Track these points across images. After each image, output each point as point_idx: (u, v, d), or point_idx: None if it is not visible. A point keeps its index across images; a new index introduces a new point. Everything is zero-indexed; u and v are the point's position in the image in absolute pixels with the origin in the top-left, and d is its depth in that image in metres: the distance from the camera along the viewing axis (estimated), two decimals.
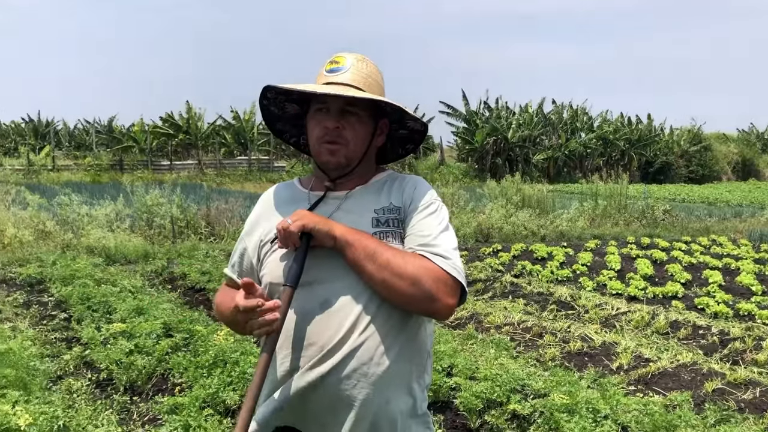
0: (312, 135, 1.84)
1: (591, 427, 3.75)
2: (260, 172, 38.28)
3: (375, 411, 1.68)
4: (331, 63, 1.84)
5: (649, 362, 5.62)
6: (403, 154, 2.06)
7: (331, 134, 1.79)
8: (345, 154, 1.81)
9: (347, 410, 1.67)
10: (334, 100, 1.79)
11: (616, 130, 44.79)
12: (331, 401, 1.68)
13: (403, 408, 1.73)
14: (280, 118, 1.99)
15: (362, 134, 1.83)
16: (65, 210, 12.83)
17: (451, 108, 42.33)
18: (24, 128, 47.05)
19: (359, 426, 1.68)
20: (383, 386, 1.69)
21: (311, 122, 1.84)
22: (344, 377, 1.66)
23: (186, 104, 42.23)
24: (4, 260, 10.01)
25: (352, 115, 1.80)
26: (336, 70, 1.81)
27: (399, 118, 1.92)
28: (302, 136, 2.01)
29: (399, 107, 1.81)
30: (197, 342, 5.33)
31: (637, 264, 10.04)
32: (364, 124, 1.83)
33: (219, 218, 13.56)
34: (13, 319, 6.74)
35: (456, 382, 4.54)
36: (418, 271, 1.65)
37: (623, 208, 17.20)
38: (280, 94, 1.90)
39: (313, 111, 1.84)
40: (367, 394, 1.67)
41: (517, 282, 9.00)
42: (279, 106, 1.95)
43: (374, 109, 1.86)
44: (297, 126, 2.00)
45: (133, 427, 4.24)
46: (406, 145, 2.03)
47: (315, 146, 1.83)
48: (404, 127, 1.96)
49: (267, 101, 1.92)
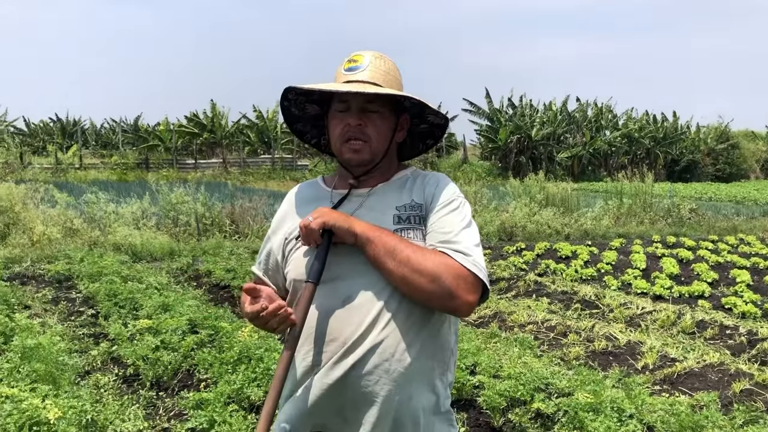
0: (334, 134, 1.85)
1: (616, 426, 3.73)
2: (284, 171, 38.48)
3: (397, 407, 1.69)
4: (349, 62, 1.85)
5: (675, 362, 5.57)
6: (423, 150, 2.06)
7: (354, 132, 1.80)
8: (368, 150, 1.82)
9: (370, 406, 1.68)
10: (355, 98, 1.80)
11: (641, 127, 44.34)
12: (354, 397, 1.68)
13: (426, 405, 1.73)
14: (301, 119, 2.00)
15: (384, 130, 1.84)
16: (92, 208, 13.01)
17: (474, 106, 42.19)
18: (52, 127, 47.75)
19: (382, 422, 1.68)
20: (405, 383, 1.69)
21: (333, 121, 1.86)
22: (366, 373, 1.67)
23: (210, 103, 42.62)
24: (33, 257, 10.18)
25: (374, 112, 1.81)
26: (355, 68, 1.82)
27: (419, 113, 1.93)
28: (322, 136, 2.03)
29: (419, 101, 1.81)
30: (222, 338, 5.38)
31: (662, 263, 9.94)
32: (386, 120, 1.84)
33: (243, 216, 13.67)
34: (43, 315, 6.86)
35: (479, 380, 4.54)
36: (438, 267, 1.65)
37: (648, 207, 17.04)
38: (301, 95, 1.91)
39: (333, 110, 1.85)
40: (390, 391, 1.68)
41: (541, 281, 8.96)
42: (299, 107, 1.96)
43: (395, 104, 1.87)
44: (317, 126, 2.02)
45: (159, 422, 4.29)
46: (426, 140, 2.03)
47: (337, 145, 1.84)
48: (425, 122, 1.96)
49: (288, 102, 1.94)
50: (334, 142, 1.86)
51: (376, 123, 1.81)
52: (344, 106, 1.82)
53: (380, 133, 1.82)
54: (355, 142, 1.80)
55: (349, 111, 1.80)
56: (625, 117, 46.12)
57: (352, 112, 1.80)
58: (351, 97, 1.80)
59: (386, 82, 1.82)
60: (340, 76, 1.84)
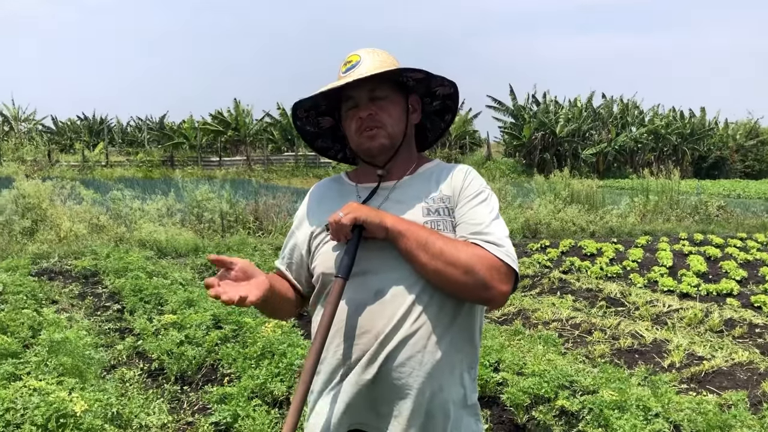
0: (350, 132, 1.86)
1: (642, 424, 3.68)
2: (307, 168, 38.64)
3: (429, 400, 1.68)
4: (345, 63, 1.86)
5: (702, 360, 5.49)
6: (446, 127, 2.05)
7: (367, 121, 1.80)
8: (384, 134, 1.82)
9: (404, 399, 1.68)
10: (360, 92, 1.81)
11: (668, 124, 43.79)
12: (388, 391, 1.68)
13: (455, 397, 1.73)
14: (319, 135, 2.02)
15: (396, 113, 1.84)
16: (118, 205, 13.16)
17: (498, 103, 41.95)
18: (79, 125, 48.41)
19: (416, 415, 1.68)
20: (437, 375, 1.68)
21: (346, 122, 1.87)
22: (399, 365, 1.67)
23: (234, 101, 42.85)
24: (60, 253, 10.32)
25: (381, 99, 1.82)
26: (351, 67, 1.83)
27: (427, 90, 1.92)
28: (346, 148, 2.04)
29: (418, 69, 1.80)
30: (245, 333, 5.40)
31: (689, 261, 9.80)
32: (396, 104, 1.84)
33: (267, 213, 13.74)
34: (69, 310, 6.94)
35: (503, 377, 4.51)
36: (472, 259, 1.64)
37: (675, 204, 16.82)
38: (310, 110, 1.93)
39: (345, 112, 1.87)
40: (422, 383, 1.67)
41: (566, 278, 8.88)
42: (313, 123, 1.98)
43: (400, 87, 1.87)
44: (337, 139, 2.03)
45: (183, 416, 4.32)
46: (444, 116, 2.02)
47: (355, 140, 1.85)
48: (435, 97, 1.95)
49: (301, 122, 1.95)
50: (352, 140, 1.87)
51: (386, 108, 1.82)
52: (352, 102, 1.83)
53: (392, 116, 1.83)
54: (370, 131, 1.81)
55: (358, 105, 1.82)
56: (651, 113, 45.60)
57: (361, 105, 1.81)
58: (356, 92, 1.81)
59: (382, 69, 1.81)
60: (340, 79, 1.84)
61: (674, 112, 45.96)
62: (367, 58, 1.83)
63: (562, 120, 40.23)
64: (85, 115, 49.33)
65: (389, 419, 1.69)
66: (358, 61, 1.82)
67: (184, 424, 4.20)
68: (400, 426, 1.68)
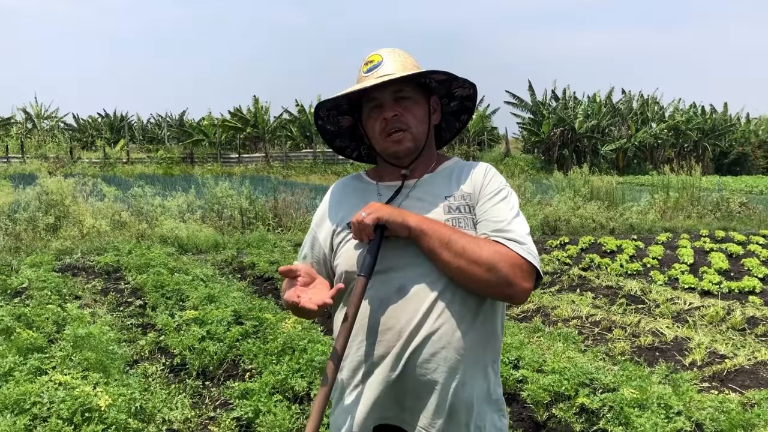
0: (374, 133, 1.86)
1: (663, 423, 3.66)
2: (325, 165, 38.72)
3: (453, 394, 1.70)
4: (366, 64, 1.87)
5: (724, 359, 5.44)
6: (461, 127, 2.06)
7: (392, 123, 1.81)
8: (410, 138, 1.83)
9: (429, 395, 1.69)
10: (384, 93, 1.81)
11: (688, 119, 43.32)
12: (414, 387, 1.70)
13: (479, 392, 1.74)
14: (338, 134, 2.03)
15: (420, 115, 1.86)
16: (139, 201, 13.29)
17: (517, 98, 41.76)
18: (100, 123, 48.92)
19: (440, 409, 1.69)
20: (461, 370, 1.70)
21: (368, 123, 1.87)
22: (424, 361, 1.68)
23: (253, 98, 43.05)
24: (83, 249, 10.44)
25: (406, 100, 1.83)
26: (373, 67, 1.84)
27: (447, 92, 1.94)
28: (362, 147, 2.06)
29: (444, 72, 1.82)
30: (266, 329, 5.44)
31: (710, 258, 9.71)
32: (420, 105, 1.86)
33: (286, 210, 13.80)
34: (92, 305, 7.03)
35: (523, 374, 4.50)
36: (494, 257, 1.65)
37: (696, 201, 16.66)
38: (332, 110, 1.94)
39: (367, 112, 1.87)
40: (447, 378, 1.69)
41: (585, 275, 8.84)
42: (333, 122, 1.99)
43: (422, 88, 1.88)
44: (354, 138, 2.04)
45: (205, 410, 4.36)
46: (461, 116, 2.04)
47: (380, 142, 1.85)
48: (453, 98, 1.97)
49: (322, 121, 1.97)
50: (376, 141, 1.87)
51: (411, 110, 1.83)
52: (376, 103, 1.83)
53: (417, 118, 1.84)
54: (396, 134, 1.81)
55: (382, 107, 1.82)
56: (671, 108, 45.15)
57: (386, 106, 1.82)
58: (380, 93, 1.82)
59: (405, 70, 1.83)
60: (362, 79, 1.85)
61: (695, 108, 45.48)
62: (389, 58, 1.84)
63: (581, 116, 39.95)
64: (106, 113, 49.87)
65: (414, 413, 1.71)
66: (380, 62, 1.83)
67: (206, 419, 4.24)
68: (426, 420, 1.70)
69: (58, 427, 3.36)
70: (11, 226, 11.43)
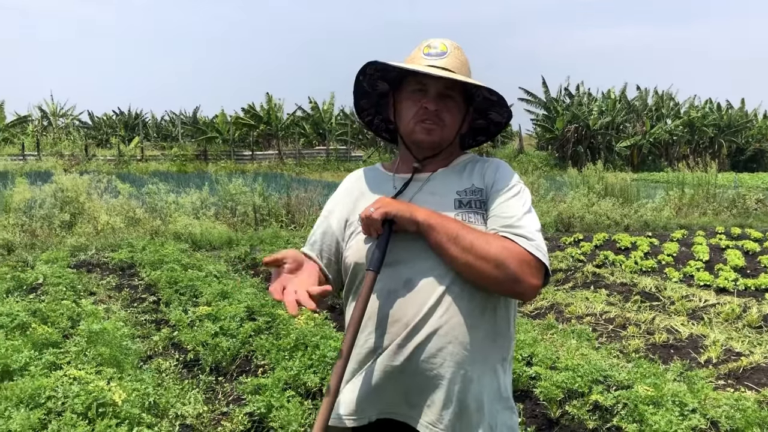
0: (406, 114, 1.85)
1: (678, 420, 3.63)
2: (338, 162, 38.77)
3: (461, 390, 1.68)
4: (428, 47, 1.85)
5: (740, 356, 5.39)
6: (473, 145, 2.05)
7: (431, 115, 1.80)
8: (440, 135, 1.82)
9: (435, 390, 1.68)
10: (435, 83, 1.80)
11: (704, 116, 42.93)
12: (420, 381, 1.68)
13: (489, 389, 1.73)
14: (368, 95, 2.00)
15: (457, 118, 1.85)
16: (153, 198, 13.36)
17: (530, 95, 41.58)
18: (115, 120, 49.20)
19: (448, 405, 1.68)
20: (469, 366, 1.69)
21: (406, 102, 1.85)
22: (430, 356, 1.67)
23: (266, 95, 43.16)
24: (97, 245, 10.51)
25: (450, 99, 1.82)
26: (436, 54, 1.82)
27: (482, 110, 1.93)
28: (378, 116, 2.04)
29: (497, 93, 1.81)
30: (279, 325, 5.45)
31: (726, 255, 9.63)
32: (459, 109, 1.86)
33: (299, 206, 13.83)
34: (107, 301, 7.08)
35: (536, 371, 4.48)
36: (502, 253, 1.64)
37: (712, 197, 16.52)
38: (378, 71, 1.91)
39: (408, 91, 1.85)
40: (454, 374, 1.67)
41: (599, 272, 8.79)
42: (371, 83, 1.96)
43: (467, 96, 1.87)
44: (378, 105, 2.02)
45: (218, 406, 4.38)
46: (478, 136, 2.03)
47: (409, 125, 1.84)
48: (484, 118, 1.97)
49: (363, 77, 1.93)
50: (405, 123, 1.86)
51: (451, 110, 1.83)
52: (423, 87, 1.82)
53: (453, 119, 1.84)
54: (429, 125, 1.81)
55: (427, 94, 1.81)
56: (687, 105, 44.79)
57: (430, 95, 1.81)
58: (431, 81, 1.80)
59: (462, 72, 1.82)
60: (419, 59, 1.83)
61: (711, 104, 45.08)
62: (453, 53, 1.83)
63: (595, 112, 39.71)
64: (120, 110, 50.17)
65: (421, 409, 1.69)
66: (445, 53, 1.82)
67: (219, 414, 4.25)
68: (433, 416, 1.68)
69: (73, 421, 3.38)
70: (27, 222, 11.54)
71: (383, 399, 1.72)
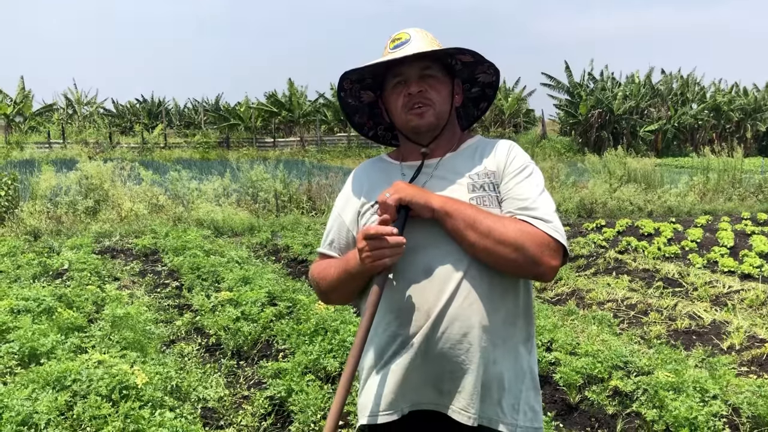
0: (396, 109, 1.85)
1: (698, 406, 3.61)
2: (359, 149, 38.72)
3: (485, 372, 1.69)
4: (393, 40, 1.85)
5: (764, 343, 5.33)
6: (479, 115, 2.04)
7: (416, 98, 1.80)
8: (432, 113, 1.81)
9: (465, 375, 1.68)
10: (411, 68, 1.80)
11: (730, 100, 42.20)
12: (451, 368, 1.69)
13: (510, 370, 1.73)
14: (358, 109, 2.01)
15: (444, 93, 1.84)
16: (176, 185, 13.49)
17: (553, 80, 41.14)
18: (138, 108, 49.54)
19: (476, 390, 1.68)
20: (492, 349, 1.69)
21: (391, 97, 1.86)
22: (456, 343, 1.67)
23: (288, 82, 43.15)
24: (122, 232, 10.65)
25: (431, 78, 1.81)
26: (401, 44, 1.82)
27: (469, 77, 1.92)
28: (378, 127, 2.04)
29: (470, 52, 1.80)
30: (299, 311, 5.50)
31: (752, 241, 9.49)
32: (444, 84, 1.84)
33: (320, 193, 13.88)
34: (131, 287, 7.18)
35: (556, 357, 4.48)
36: (521, 236, 1.63)
37: (737, 183, 16.29)
38: (355, 83, 1.92)
39: (390, 88, 1.86)
40: (479, 358, 1.68)
41: (622, 258, 8.72)
42: (355, 95, 1.97)
43: (447, 69, 1.87)
44: (373, 116, 2.03)
45: (239, 389, 4.43)
46: (480, 104, 2.02)
47: (402, 116, 1.84)
48: (476, 84, 1.96)
49: (344, 93, 1.95)
50: (397, 116, 1.86)
51: (435, 87, 1.82)
52: (401, 78, 1.82)
53: (441, 95, 1.83)
54: (419, 108, 1.80)
55: (407, 82, 1.81)
56: (713, 89, 44.07)
57: (411, 81, 1.81)
58: (406, 68, 1.80)
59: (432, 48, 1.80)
60: (387, 55, 1.83)
61: (737, 87, 44.31)
62: (416, 36, 1.83)
63: (619, 97, 39.20)
64: (144, 98, 50.49)
65: (452, 395, 1.69)
66: (408, 40, 1.82)
67: (240, 398, 4.31)
68: (465, 401, 1.68)
69: (97, 404, 3.45)
70: (53, 209, 11.71)
71: (414, 390, 1.72)
